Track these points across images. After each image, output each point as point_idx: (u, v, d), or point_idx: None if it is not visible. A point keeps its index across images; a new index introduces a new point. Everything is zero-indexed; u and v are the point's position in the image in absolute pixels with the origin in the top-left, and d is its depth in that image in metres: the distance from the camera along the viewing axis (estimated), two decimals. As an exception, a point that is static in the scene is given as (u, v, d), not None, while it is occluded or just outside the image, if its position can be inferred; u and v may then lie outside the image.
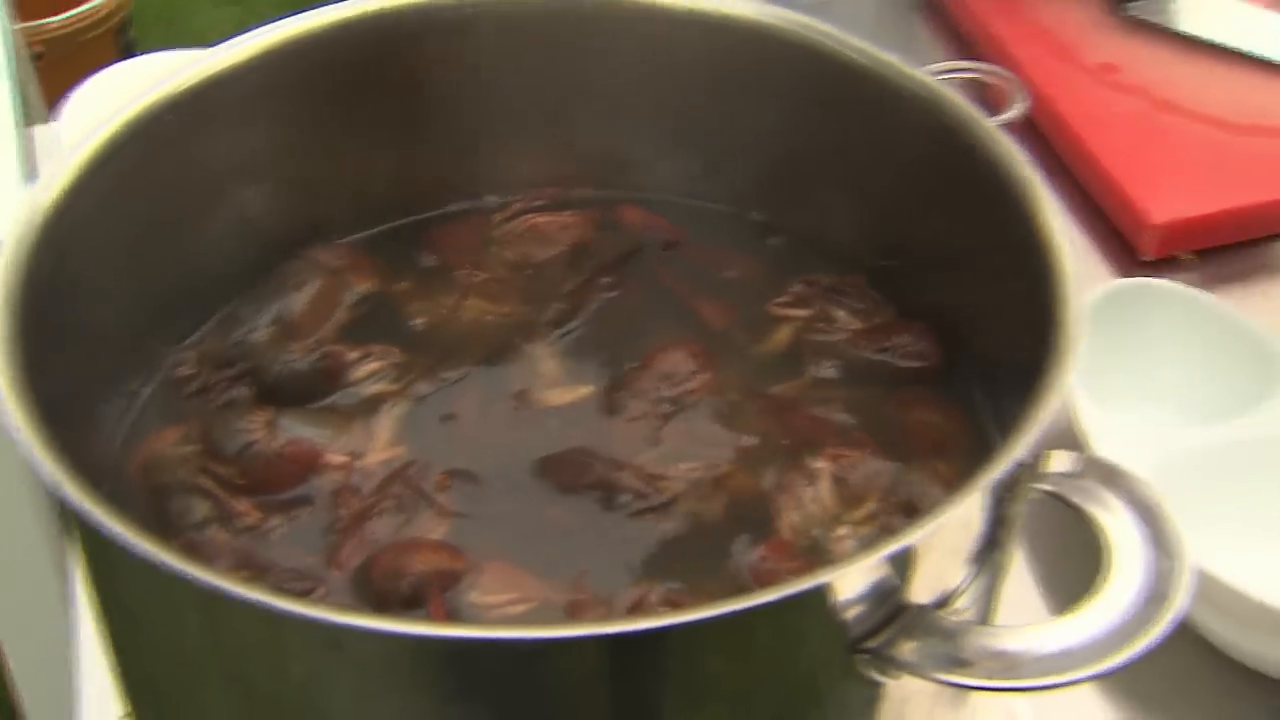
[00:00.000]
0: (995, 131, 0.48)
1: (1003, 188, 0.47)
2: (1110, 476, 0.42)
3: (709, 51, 0.55)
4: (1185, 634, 0.60)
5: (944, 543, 0.40)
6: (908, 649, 0.39)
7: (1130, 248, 0.78)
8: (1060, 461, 0.43)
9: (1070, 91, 0.84)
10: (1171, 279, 0.74)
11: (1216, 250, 0.77)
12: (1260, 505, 0.61)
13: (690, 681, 0.38)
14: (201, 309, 0.55)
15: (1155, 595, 0.38)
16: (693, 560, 0.48)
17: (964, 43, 0.91)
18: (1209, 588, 0.57)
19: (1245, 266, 0.77)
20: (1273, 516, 0.61)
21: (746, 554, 0.48)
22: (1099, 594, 0.38)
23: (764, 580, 0.46)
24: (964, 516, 0.40)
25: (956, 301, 0.52)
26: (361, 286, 0.56)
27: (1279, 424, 0.62)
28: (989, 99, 0.81)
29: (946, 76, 0.81)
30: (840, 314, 0.54)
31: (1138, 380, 0.66)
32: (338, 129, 0.56)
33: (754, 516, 0.49)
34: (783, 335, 0.55)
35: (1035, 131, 0.85)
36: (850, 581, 0.38)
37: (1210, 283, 0.76)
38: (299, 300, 0.54)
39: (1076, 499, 0.41)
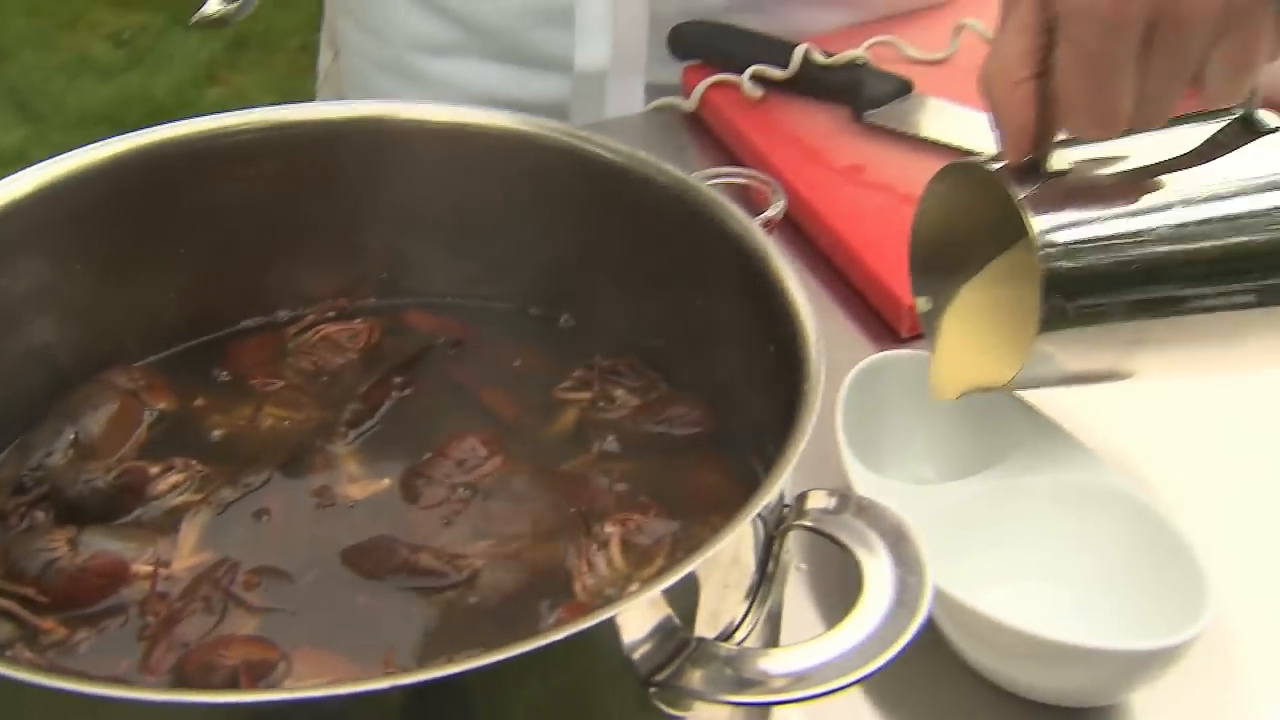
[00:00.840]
0: (739, 216, 0.53)
1: (749, 265, 0.52)
2: (861, 509, 0.46)
3: (480, 162, 0.59)
4: (951, 660, 0.65)
5: (718, 578, 0.44)
6: (695, 678, 0.43)
7: (891, 327, 0.85)
8: (818, 499, 0.47)
9: (823, 191, 0.91)
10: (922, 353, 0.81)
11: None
12: (1007, 545, 0.66)
13: (496, 727, 0.41)
14: (-3, 439, 0.56)
15: (903, 609, 0.42)
16: (496, 629, 0.50)
17: (727, 151, 0.98)
18: (969, 619, 0.62)
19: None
20: (1017, 554, 0.66)
21: (546, 619, 0.51)
22: (854, 612, 0.42)
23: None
24: (732, 551, 0.44)
25: (724, 372, 0.56)
26: (159, 405, 0.58)
27: (1017, 475, 0.68)
28: (753, 200, 0.87)
29: (713, 182, 0.88)
30: (619, 392, 0.58)
31: (901, 443, 0.72)
32: (126, 256, 0.58)
33: (551, 584, 0.52)
34: (568, 417, 0.58)
35: (797, 228, 0.91)
36: (632, 617, 0.41)
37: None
38: (96, 422, 0.56)
39: (830, 530, 0.45)
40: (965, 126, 0.94)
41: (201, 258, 0.60)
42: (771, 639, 0.48)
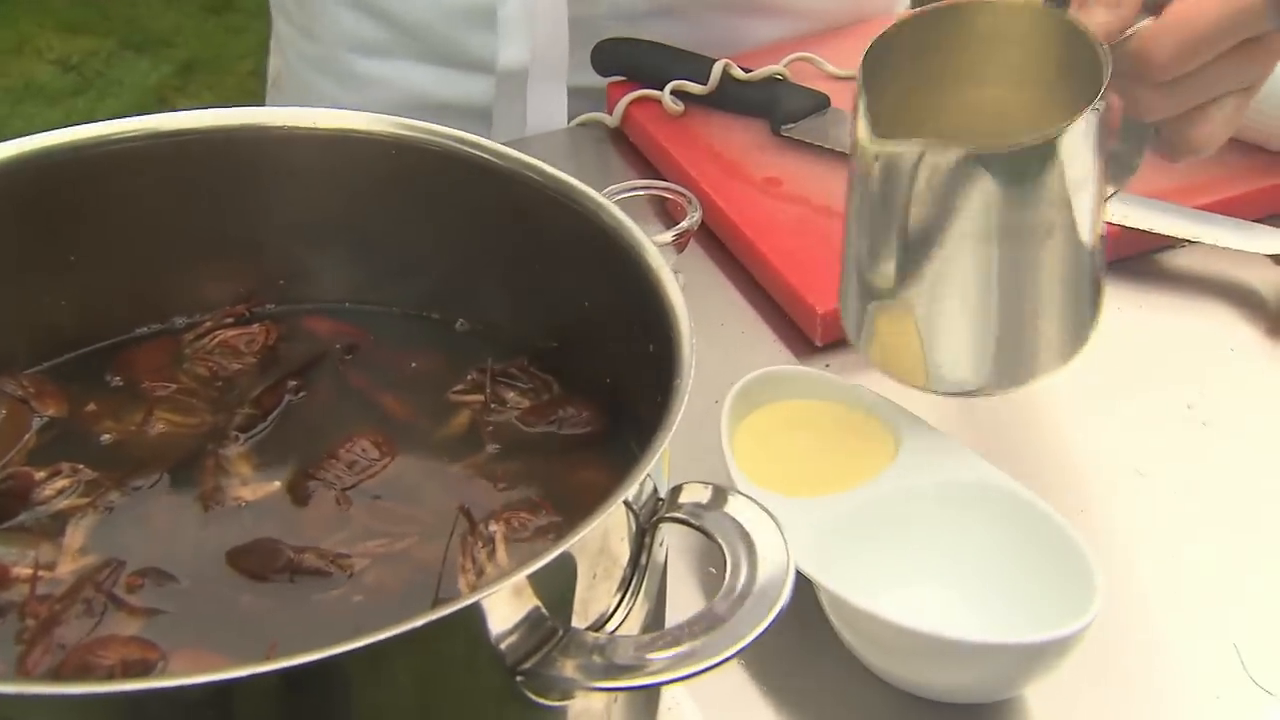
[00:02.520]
0: (619, 217, 0.54)
1: (628, 267, 0.53)
2: (733, 504, 0.47)
3: (371, 169, 0.59)
4: (851, 663, 0.65)
5: (586, 568, 0.44)
6: (561, 666, 0.43)
7: (806, 336, 0.85)
8: (693, 492, 0.48)
9: (740, 203, 0.92)
10: (839, 361, 0.82)
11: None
12: (897, 549, 0.67)
13: (362, 713, 0.41)
14: (-116, 446, 0.56)
15: (762, 599, 0.43)
16: (379, 626, 0.50)
17: (648, 165, 0.99)
18: (862, 621, 0.63)
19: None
20: (907, 557, 0.67)
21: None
22: (713, 601, 0.43)
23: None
24: (599, 541, 0.44)
25: (611, 373, 0.57)
26: (49, 411, 0.58)
27: (908, 475, 0.69)
28: (671, 213, 0.88)
29: (630, 194, 0.89)
30: (510, 394, 0.59)
31: (788, 458, 0.73)
32: (14, 263, 0.58)
33: (435, 582, 0.52)
34: (461, 419, 0.59)
35: (716, 241, 0.92)
36: (496, 605, 0.42)
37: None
38: (-17, 427, 0.56)
39: (701, 522, 0.46)
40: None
41: (93, 265, 0.60)
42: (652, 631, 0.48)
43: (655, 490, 0.47)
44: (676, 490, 0.48)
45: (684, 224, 0.87)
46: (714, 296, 0.89)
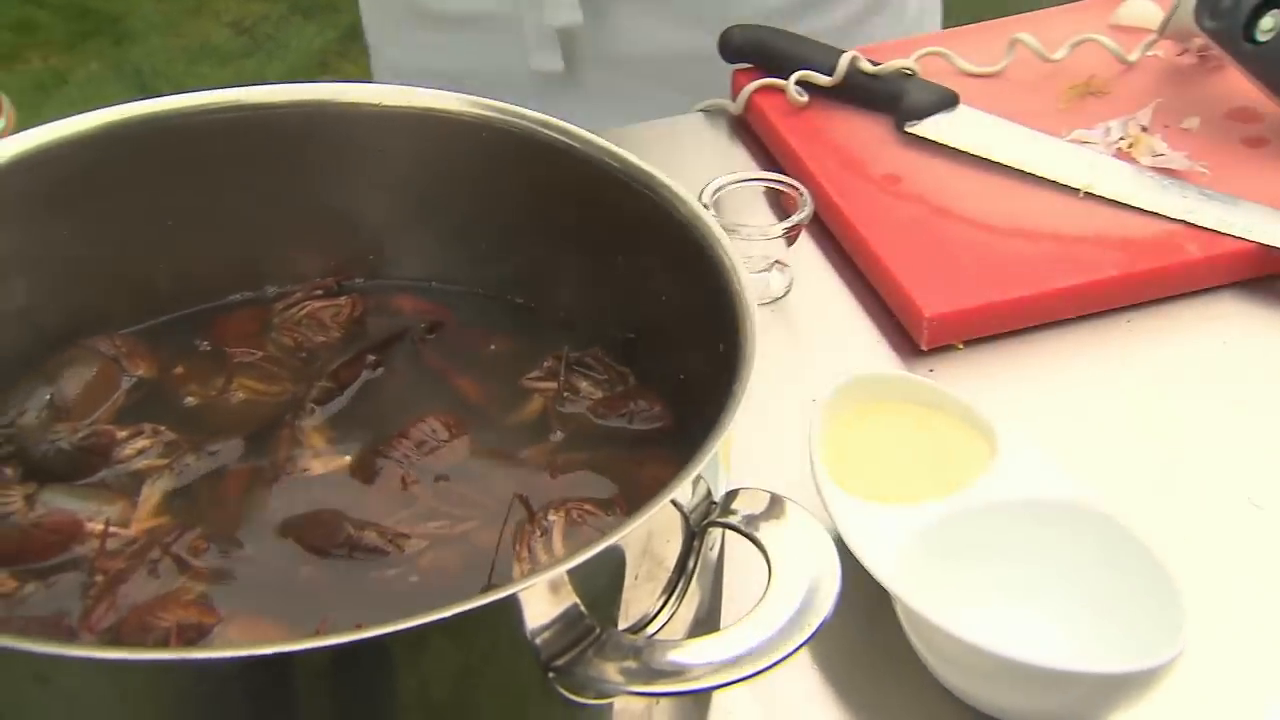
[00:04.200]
0: (696, 210, 0.53)
1: (706, 261, 0.52)
2: (788, 515, 0.46)
3: (467, 151, 0.59)
4: (926, 680, 0.64)
5: (629, 569, 0.44)
6: (594, 665, 0.42)
7: (912, 339, 0.83)
8: (748, 499, 0.47)
9: (856, 199, 0.90)
10: (943, 367, 0.80)
11: (985, 340, 0.83)
12: (983, 566, 0.65)
13: (393, 697, 0.41)
14: (-20, 395, 0.58)
15: (807, 612, 0.42)
16: (431, 608, 0.51)
17: (768, 154, 0.97)
18: (942, 640, 0.61)
19: (1010, 354, 0.82)
20: (993, 575, 0.65)
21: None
22: (756, 610, 0.42)
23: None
24: (642, 542, 0.43)
25: (684, 369, 0.56)
26: (138, 372, 0.59)
27: (1000, 490, 0.67)
28: (783, 204, 0.87)
29: (741, 184, 0.88)
30: (584, 384, 0.58)
31: (880, 462, 0.71)
32: (116, 226, 0.59)
33: (495, 565, 0.52)
34: (534, 406, 0.59)
35: (828, 235, 0.90)
36: (532, 599, 0.41)
37: (978, 369, 0.81)
38: (73, 384, 0.57)
39: (751, 530, 0.45)
40: (1009, 142, 0.92)
41: (191, 231, 0.61)
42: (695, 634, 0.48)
43: (709, 493, 0.46)
44: (732, 495, 0.47)
45: (795, 217, 0.85)
46: (821, 292, 0.87)
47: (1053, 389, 0.80)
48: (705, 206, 0.84)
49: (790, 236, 0.85)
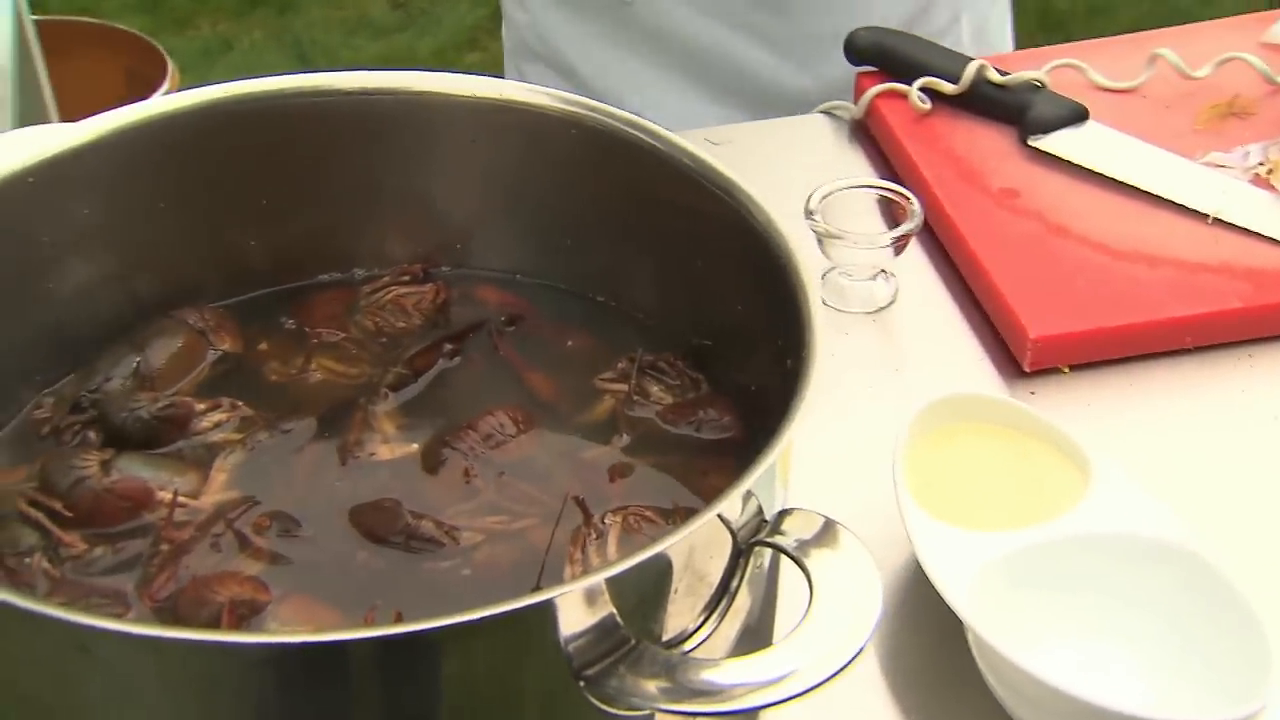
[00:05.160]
0: (774, 223, 0.52)
1: (779, 273, 0.51)
2: (836, 539, 0.44)
3: (560, 148, 0.59)
4: (994, 709, 0.62)
5: (670, 582, 0.43)
6: (625, 678, 0.42)
7: (1015, 359, 0.81)
8: (799, 521, 0.46)
9: (970, 212, 0.87)
10: (1046, 390, 0.78)
11: (1093, 365, 0.80)
12: (1066, 599, 0.63)
13: (427, 693, 0.41)
14: (74, 359, 0.59)
15: (844, 639, 0.40)
16: (479, 603, 0.51)
17: (887, 163, 0.95)
18: (1021, 679, 0.59)
19: (1118, 382, 0.79)
20: (1076, 609, 0.63)
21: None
22: (795, 634, 0.41)
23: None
24: (684, 556, 0.43)
25: (756, 381, 0.55)
26: (223, 346, 0.60)
27: (1090, 524, 0.65)
28: (896, 213, 0.85)
29: (850, 189, 0.86)
30: (655, 389, 0.58)
31: (967, 485, 0.69)
32: (209, 202, 0.61)
33: (545, 565, 0.52)
34: (604, 406, 0.58)
35: (939, 246, 0.88)
36: (568, 606, 0.41)
37: (1083, 396, 0.79)
38: (159, 355, 0.59)
39: (795, 551, 0.44)
40: (1136, 161, 0.89)
41: (284, 211, 0.62)
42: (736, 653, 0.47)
43: (760, 511, 0.46)
44: (784, 515, 0.46)
45: (903, 227, 0.83)
46: (927, 304, 0.85)
47: (1161, 422, 0.77)
48: (811, 211, 0.84)
49: (898, 246, 0.83)
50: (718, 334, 0.58)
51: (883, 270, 0.85)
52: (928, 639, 0.65)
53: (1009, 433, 0.70)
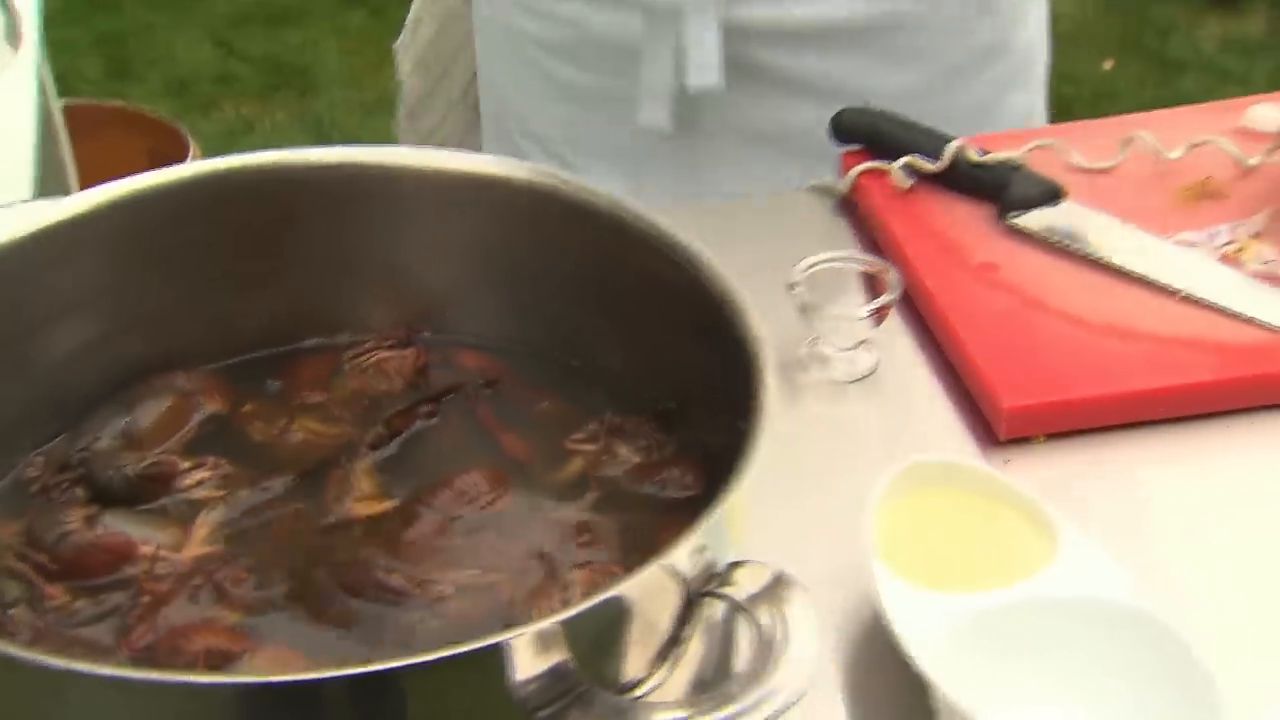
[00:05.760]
0: (730, 291, 0.54)
1: (734, 338, 0.53)
2: (784, 592, 0.46)
3: (512, 212, 0.62)
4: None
5: (620, 629, 0.45)
6: (575, 721, 0.44)
7: (991, 428, 0.83)
8: (751, 573, 0.47)
9: (948, 285, 0.90)
10: (1021, 458, 0.80)
11: (1067, 435, 0.82)
12: (1031, 662, 0.64)
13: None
14: (66, 420, 0.62)
15: (792, 683, 0.42)
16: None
17: (871, 237, 0.98)
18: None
19: (1091, 452, 0.81)
20: (1040, 672, 0.64)
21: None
22: (738, 681, 0.42)
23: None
24: (634, 603, 0.44)
25: (719, 440, 0.57)
26: (210, 407, 0.63)
27: (1056, 588, 0.66)
28: (876, 286, 0.88)
29: (832, 263, 0.89)
30: (624, 450, 0.60)
31: (936, 548, 0.70)
32: (200, 269, 0.63)
33: (513, 621, 0.53)
34: (574, 466, 0.60)
35: (919, 319, 0.91)
36: (519, 649, 0.43)
37: (1055, 464, 0.80)
38: (147, 415, 0.61)
39: (745, 603, 0.45)
40: (1112, 239, 0.91)
41: (272, 279, 0.64)
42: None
43: (711, 564, 0.47)
44: (735, 567, 0.48)
45: (881, 299, 0.86)
46: (906, 373, 0.87)
47: (1131, 491, 0.78)
48: (795, 284, 0.86)
49: (877, 317, 0.86)
50: (683, 397, 0.60)
51: (863, 340, 0.87)
52: (894, 700, 0.66)
53: (979, 499, 0.72)
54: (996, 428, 0.82)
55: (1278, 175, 0.96)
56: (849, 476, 0.77)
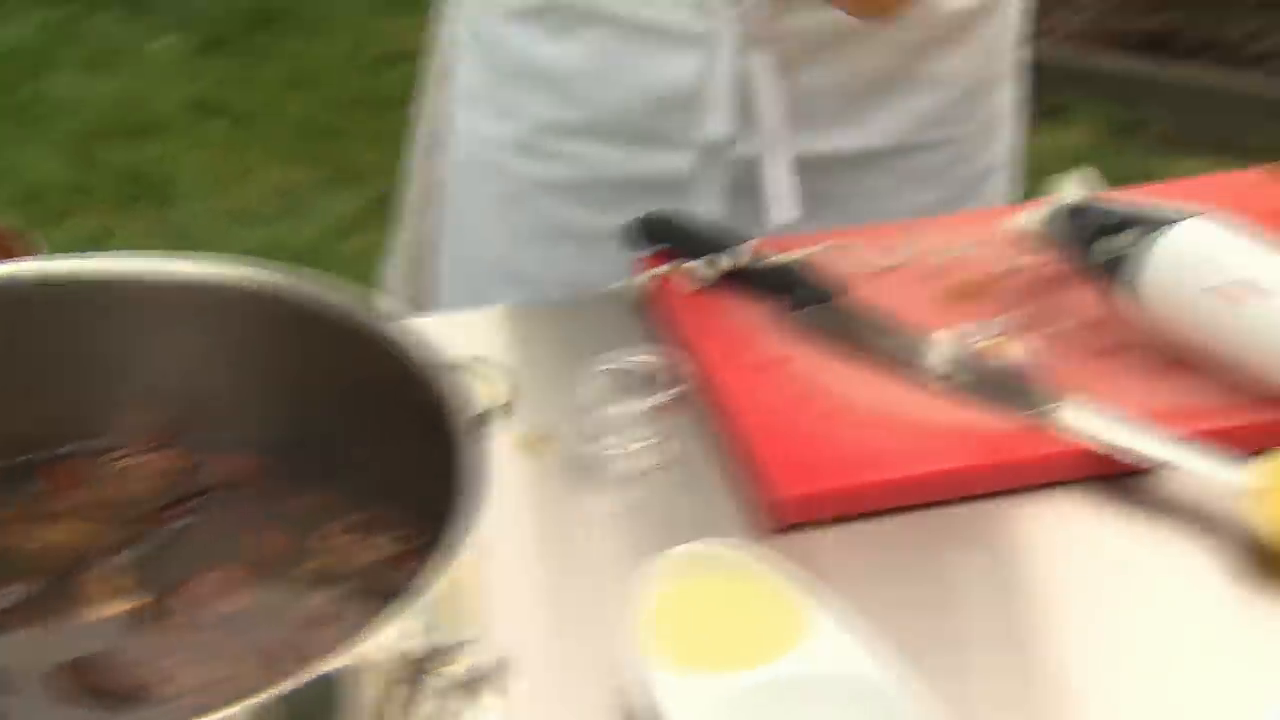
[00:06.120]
0: (451, 386, 0.57)
1: (452, 431, 0.56)
2: (503, 670, 0.48)
3: (252, 319, 0.65)
4: None
5: (332, 709, 0.46)
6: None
7: (771, 515, 0.86)
8: (467, 657, 0.49)
9: (733, 380, 0.93)
10: (800, 544, 0.83)
11: (846, 520, 0.85)
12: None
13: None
14: None
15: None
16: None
17: (664, 336, 1.01)
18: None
19: (867, 536, 0.84)
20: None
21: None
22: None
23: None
24: (318, 695, 0.46)
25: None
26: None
27: (810, 663, 0.69)
28: (666, 383, 0.91)
29: (623, 364, 0.92)
30: (380, 539, 0.62)
31: (699, 631, 0.73)
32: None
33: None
34: (325, 561, 0.62)
35: (710, 414, 0.94)
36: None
37: (832, 548, 0.83)
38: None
39: (463, 686, 0.47)
40: (887, 338, 0.96)
41: (28, 389, 0.66)
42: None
43: (429, 646, 0.49)
44: (456, 649, 0.50)
45: (663, 395, 0.89)
46: (691, 465, 0.90)
47: (900, 571, 0.82)
48: (581, 384, 0.90)
49: (660, 412, 0.89)
50: (434, 488, 0.62)
51: (649, 437, 0.90)
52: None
53: (738, 584, 0.75)
54: (774, 516, 0.85)
55: (1037, 278, 1.02)
56: (625, 565, 0.80)
